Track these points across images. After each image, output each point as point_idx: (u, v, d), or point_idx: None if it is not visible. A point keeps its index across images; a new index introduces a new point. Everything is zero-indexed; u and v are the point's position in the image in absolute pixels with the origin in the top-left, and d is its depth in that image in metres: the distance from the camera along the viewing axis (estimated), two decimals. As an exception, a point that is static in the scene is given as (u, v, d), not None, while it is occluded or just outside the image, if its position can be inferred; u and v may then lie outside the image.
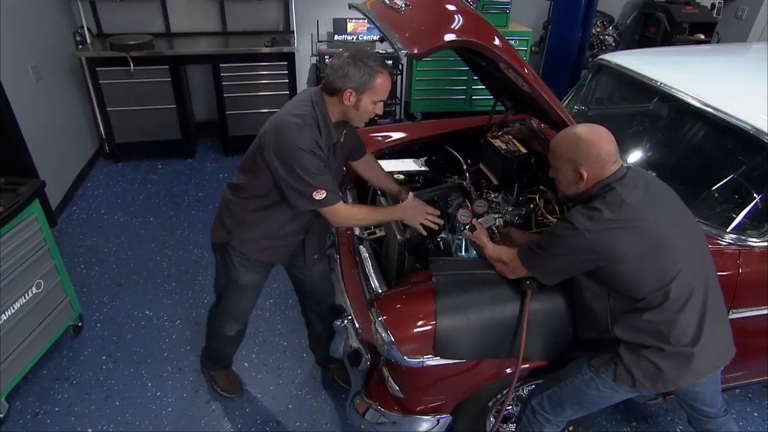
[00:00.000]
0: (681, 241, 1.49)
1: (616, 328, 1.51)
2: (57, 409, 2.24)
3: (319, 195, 1.67)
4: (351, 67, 1.60)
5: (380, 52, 4.59)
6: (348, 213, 1.81)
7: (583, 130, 1.52)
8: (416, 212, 1.88)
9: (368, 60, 1.62)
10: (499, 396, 1.81)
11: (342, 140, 1.83)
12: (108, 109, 4.07)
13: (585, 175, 1.49)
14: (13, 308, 2.12)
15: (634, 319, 1.49)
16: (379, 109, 1.71)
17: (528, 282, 1.60)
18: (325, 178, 1.68)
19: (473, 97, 5.13)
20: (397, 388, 1.75)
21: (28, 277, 2.19)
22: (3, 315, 2.07)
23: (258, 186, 1.77)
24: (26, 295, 2.19)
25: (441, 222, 1.93)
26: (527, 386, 1.91)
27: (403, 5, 1.73)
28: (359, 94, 1.64)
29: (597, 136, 1.49)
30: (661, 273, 1.45)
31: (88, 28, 4.07)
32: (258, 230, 1.87)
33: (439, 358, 1.60)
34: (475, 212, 2.05)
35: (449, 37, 1.59)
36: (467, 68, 4.74)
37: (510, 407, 1.90)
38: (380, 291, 1.90)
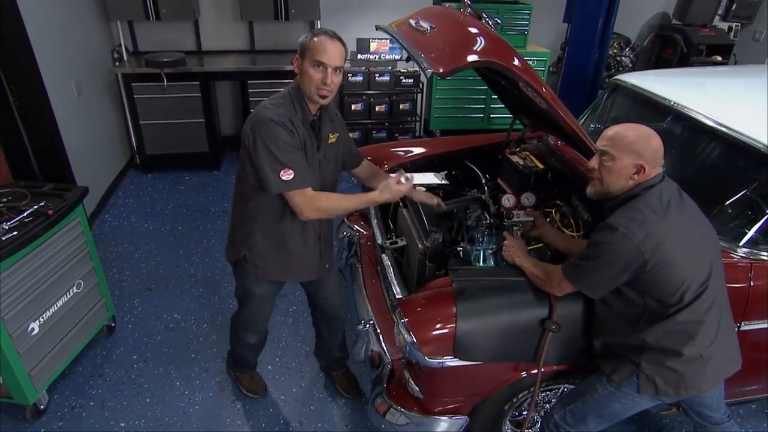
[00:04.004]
0: (707, 245, 1.57)
1: (645, 332, 1.56)
2: (92, 403, 2.36)
3: (287, 175, 1.65)
4: (300, 39, 1.71)
5: (401, 70, 4.76)
6: (319, 202, 1.73)
7: (650, 129, 1.56)
8: (391, 189, 1.79)
9: (315, 30, 1.71)
10: (514, 399, 1.88)
11: (333, 140, 1.87)
12: (141, 122, 4.27)
13: (646, 169, 1.52)
14: (56, 306, 2.25)
15: (665, 322, 1.53)
16: (323, 76, 1.65)
17: (553, 325, 1.65)
18: (295, 156, 1.67)
19: (491, 116, 5.24)
20: (417, 389, 1.82)
21: (70, 277, 2.33)
22: (47, 312, 2.20)
23: (251, 184, 1.78)
24: (68, 294, 2.33)
25: (406, 183, 1.81)
26: (542, 392, 1.97)
27: (429, 28, 1.85)
28: (302, 59, 1.69)
29: (659, 138, 1.55)
30: (702, 270, 1.51)
31: (125, 46, 4.31)
32: (272, 246, 1.89)
33: (458, 359, 1.68)
34: (521, 203, 2.14)
35: (472, 57, 1.70)
36: (486, 87, 4.89)
37: (525, 413, 1.95)
38: (402, 296, 1.99)
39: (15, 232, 2.00)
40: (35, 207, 2.16)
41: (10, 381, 2.09)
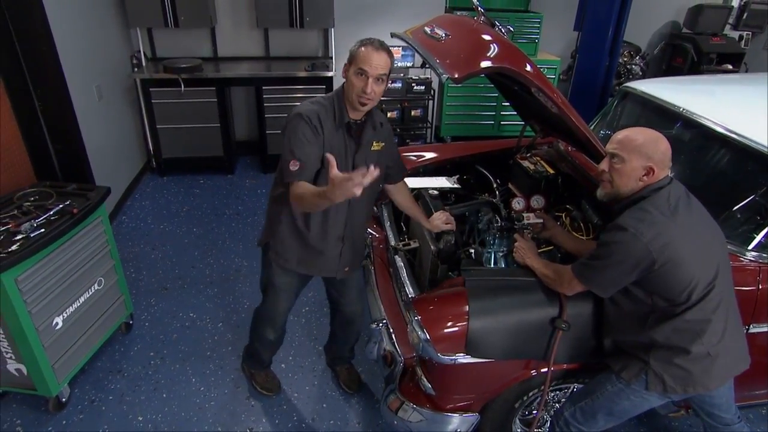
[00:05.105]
0: (714, 245, 1.61)
1: (653, 331, 1.59)
2: (111, 397, 2.42)
3: (294, 166, 1.70)
4: (351, 48, 1.76)
5: (413, 77, 4.83)
6: (299, 191, 1.70)
7: (658, 133, 1.62)
8: (343, 188, 1.44)
9: (364, 39, 1.74)
10: (524, 398, 1.91)
11: (377, 148, 1.90)
12: (158, 126, 4.38)
13: (654, 171, 1.57)
14: (79, 302, 2.33)
15: (673, 320, 1.57)
16: (365, 84, 1.70)
17: (563, 324, 1.69)
18: (308, 150, 1.71)
19: (502, 123, 5.29)
20: (430, 385, 1.86)
21: (92, 274, 2.40)
22: (70, 307, 2.28)
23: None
24: (89, 290, 2.40)
25: (368, 177, 1.42)
26: (552, 391, 2.00)
27: (444, 35, 1.91)
28: (349, 66, 1.75)
29: (666, 141, 1.60)
30: (709, 270, 1.55)
31: (144, 52, 4.43)
32: (293, 235, 1.94)
33: (470, 356, 1.72)
34: (530, 205, 2.18)
35: (486, 63, 1.76)
36: (496, 94, 4.94)
37: (535, 411, 1.98)
38: (415, 296, 2.04)
39: (42, 230, 2.08)
40: (60, 206, 2.24)
41: (35, 373, 2.16)
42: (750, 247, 1.92)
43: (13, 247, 1.96)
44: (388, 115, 4.86)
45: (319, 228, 1.93)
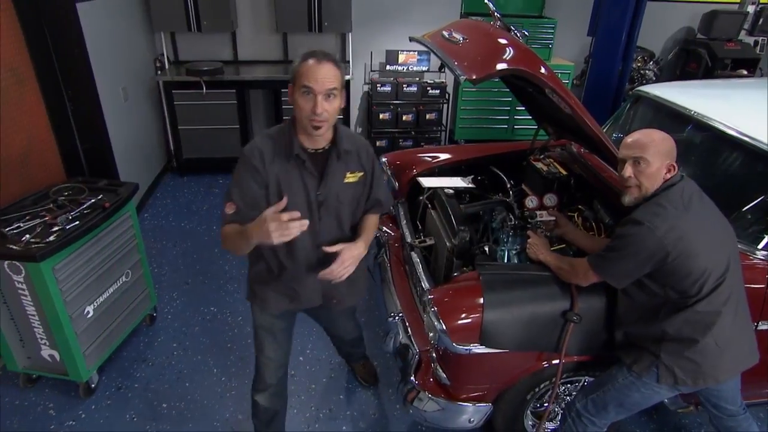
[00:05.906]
0: (725, 240, 1.67)
1: (664, 322, 1.65)
2: (136, 385, 2.52)
3: (230, 209, 1.56)
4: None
5: (428, 81, 4.91)
6: (226, 231, 1.59)
7: (660, 131, 1.70)
8: (262, 229, 1.40)
9: (305, 52, 1.52)
10: (536, 389, 1.97)
11: (352, 179, 1.68)
12: (179, 127, 4.50)
13: (675, 168, 1.64)
14: (108, 292, 2.44)
15: (685, 312, 1.62)
16: (314, 104, 1.46)
17: (574, 317, 1.75)
18: (245, 192, 1.56)
19: (515, 127, 5.34)
20: (445, 375, 1.93)
21: (121, 266, 2.51)
22: (100, 297, 2.39)
23: None
24: (118, 282, 2.51)
25: (297, 227, 1.40)
26: (563, 384, 2.06)
27: (461, 39, 1.99)
28: (293, 87, 1.51)
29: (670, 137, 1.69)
30: (720, 263, 1.61)
31: (167, 55, 4.57)
32: (268, 273, 1.78)
33: (484, 347, 1.79)
34: (543, 204, 2.26)
35: (502, 65, 1.83)
36: (510, 98, 4.99)
37: (547, 404, 2.04)
38: (431, 288, 2.11)
39: (77, 222, 2.19)
40: (93, 200, 2.36)
41: (67, 359, 2.27)
42: (760, 246, 1.97)
43: (51, 238, 2.07)
44: (404, 118, 4.93)
45: (290, 267, 1.73)
